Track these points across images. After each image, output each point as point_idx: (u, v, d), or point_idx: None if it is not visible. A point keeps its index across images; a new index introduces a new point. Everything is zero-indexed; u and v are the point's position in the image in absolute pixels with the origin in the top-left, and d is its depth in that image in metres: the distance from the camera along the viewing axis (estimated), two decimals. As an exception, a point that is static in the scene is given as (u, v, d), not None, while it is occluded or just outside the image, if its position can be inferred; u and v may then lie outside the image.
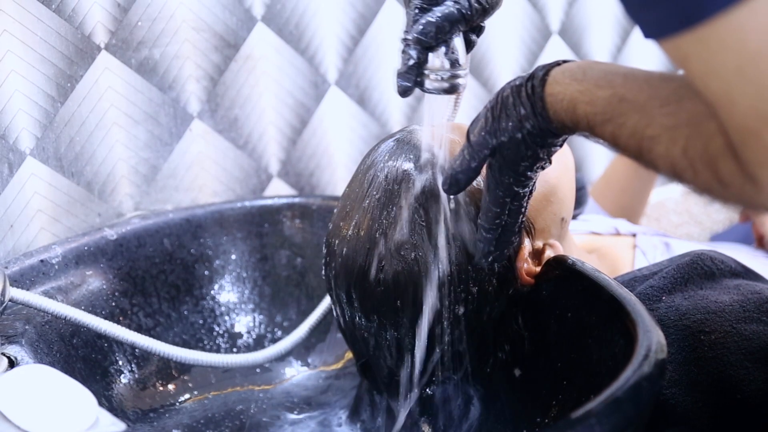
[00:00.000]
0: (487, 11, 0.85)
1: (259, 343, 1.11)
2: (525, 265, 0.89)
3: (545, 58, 1.51)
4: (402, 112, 1.08)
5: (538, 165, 0.80)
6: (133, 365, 1.03)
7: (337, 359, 1.11)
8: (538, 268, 0.90)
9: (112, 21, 1.11)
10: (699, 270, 0.94)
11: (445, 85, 0.85)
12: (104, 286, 1.04)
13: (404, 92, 0.85)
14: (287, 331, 1.13)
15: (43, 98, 1.07)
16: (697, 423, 0.86)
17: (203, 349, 1.10)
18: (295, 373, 1.10)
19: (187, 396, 1.05)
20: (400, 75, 0.85)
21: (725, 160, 0.61)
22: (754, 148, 0.58)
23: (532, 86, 0.76)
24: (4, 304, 0.86)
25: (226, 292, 1.13)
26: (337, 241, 0.91)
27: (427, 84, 0.85)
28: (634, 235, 1.19)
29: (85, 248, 1.04)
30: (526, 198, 0.83)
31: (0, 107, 1.03)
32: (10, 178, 1.05)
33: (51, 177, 1.09)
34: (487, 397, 0.92)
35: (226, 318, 1.12)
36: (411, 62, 0.84)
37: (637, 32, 1.61)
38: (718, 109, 0.60)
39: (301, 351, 1.11)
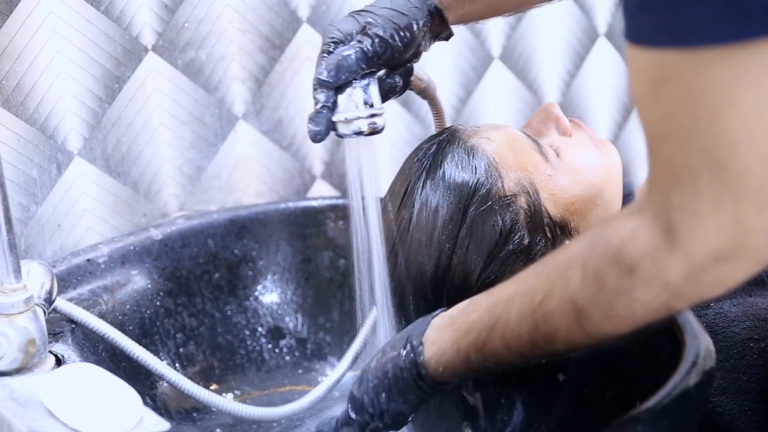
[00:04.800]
0: (397, 51, 0.83)
1: (301, 344, 1.12)
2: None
3: (592, 61, 1.50)
4: (447, 114, 1.09)
5: None
6: (177, 365, 1.04)
7: (379, 361, 1.10)
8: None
9: (159, 22, 1.12)
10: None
11: (357, 128, 0.83)
12: (149, 286, 1.05)
13: (315, 137, 0.83)
14: (330, 333, 1.13)
15: (91, 99, 1.08)
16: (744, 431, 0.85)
17: (246, 349, 1.10)
18: (338, 375, 1.09)
19: (230, 396, 1.06)
20: (311, 119, 0.83)
21: (628, 244, 0.59)
22: (685, 189, 0.56)
23: (412, 361, 0.75)
24: (53, 304, 0.87)
25: (270, 293, 1.13)
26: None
27: (340, 128, 0.83)
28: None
29: (131, 248, 1.05)
30: None
31: (49, 108, 1.04)
32: (58, 178, 1.06)
33: (98, 177, 1.10)
34: (531, 402, 0.91)
35: (269, 319, 1.13)
36: (319, 105, 0.82)
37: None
38: (671, 137, 0.56)
39: (344, 352, 1.11)
